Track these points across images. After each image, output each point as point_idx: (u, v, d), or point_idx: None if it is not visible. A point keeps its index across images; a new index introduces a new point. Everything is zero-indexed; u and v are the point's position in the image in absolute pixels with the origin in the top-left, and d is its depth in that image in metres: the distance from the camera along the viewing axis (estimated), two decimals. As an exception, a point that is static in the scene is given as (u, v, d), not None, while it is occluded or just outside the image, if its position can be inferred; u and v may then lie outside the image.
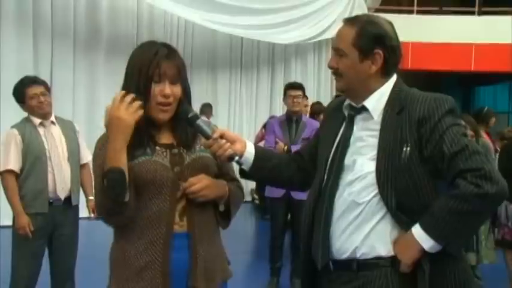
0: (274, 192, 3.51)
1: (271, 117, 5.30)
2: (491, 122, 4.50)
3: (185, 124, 1.37)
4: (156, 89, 1.32)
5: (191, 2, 6.50)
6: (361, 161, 1.29)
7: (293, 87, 3.67)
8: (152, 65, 1.31)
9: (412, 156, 1.24)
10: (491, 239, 3.44)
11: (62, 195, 2.66)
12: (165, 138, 1.39)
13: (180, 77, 1.36)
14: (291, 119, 3.61)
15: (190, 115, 1.35)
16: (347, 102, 1.39)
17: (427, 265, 1.22)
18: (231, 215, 1.44)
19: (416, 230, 1.22)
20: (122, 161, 1.26)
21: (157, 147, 1.36)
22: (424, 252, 1.22)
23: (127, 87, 1.34)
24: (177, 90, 1.35)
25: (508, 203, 3.24)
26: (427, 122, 1.24)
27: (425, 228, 1.21)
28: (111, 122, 1.28)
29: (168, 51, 1.35)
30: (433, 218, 1.21)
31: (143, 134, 1.33)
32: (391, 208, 1.24)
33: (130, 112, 1.27)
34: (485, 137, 4.04)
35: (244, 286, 3.65)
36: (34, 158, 2.61)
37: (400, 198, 1.24)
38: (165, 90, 1.32)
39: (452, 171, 1.20)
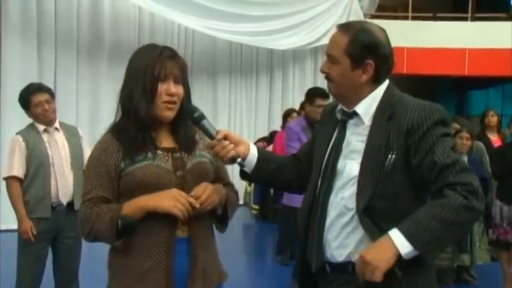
0: (294, 201, 3.35)
1: (286, 122, 4.92)
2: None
3: (186, 126, 1.38)
4: (161, 87, 1.33)
5: (191, 9, 6.56)
6: (350, 166, 1.29)
7: (323, 96, 3.42)
8: (158, 65, 1.33)
9: (395, 165, 1.24)
10: (485, 240, 3.49)
11: (65, 200, 2.68)
12: (166, 141, 1.38)
13: (182, 78, 1.37)
14: (312, 125, 3.49)
15: (196, 114, 1.34)
16: (340, 106, 1.39)
17: (399, 271, 1.19)
18: (228, 219, 1.45)
19: (395, 236, 1.17)
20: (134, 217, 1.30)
21: (158, 151, 1.34)
22: (397, 259, 1.17)
23: (130, 88, 1.34)
24: (180, 90, 1.36)
25: (502, 204, 3.30)
26: (415, 133, 1.23)
27: (406, 234, 1.17)
28: (167, 195, 1.29)
29: (171, 52, 1.37)
30: (416, 224, 1.17)
31: (144, 138, 1.33)
32: (358, 209, 1.25)
33: (174, 205, 1.28)
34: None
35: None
36: (37, 164, 2.64)
37: (375, 202, 1.23)
38: (171, 88, 1.33)
39: (441, 182, 1.20)
